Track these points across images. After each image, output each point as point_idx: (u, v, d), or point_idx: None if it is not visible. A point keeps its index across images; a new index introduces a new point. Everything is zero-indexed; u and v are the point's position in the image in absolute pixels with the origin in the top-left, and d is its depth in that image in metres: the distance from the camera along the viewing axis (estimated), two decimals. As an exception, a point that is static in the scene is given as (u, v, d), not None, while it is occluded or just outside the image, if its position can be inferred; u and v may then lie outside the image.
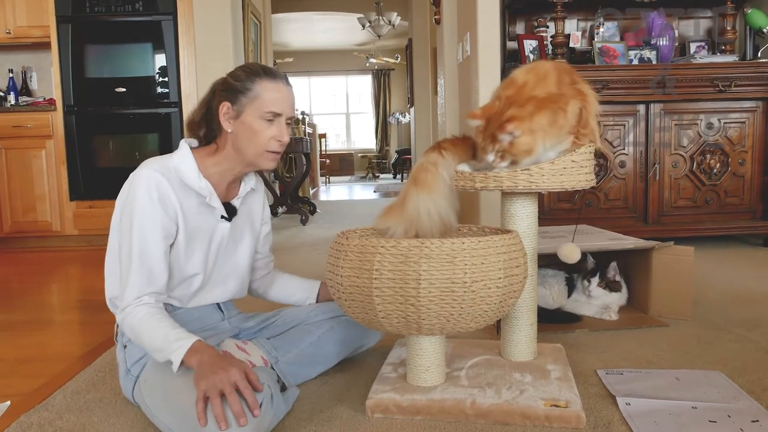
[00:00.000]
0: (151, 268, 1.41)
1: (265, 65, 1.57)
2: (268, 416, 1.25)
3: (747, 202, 3.61)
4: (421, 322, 1.36)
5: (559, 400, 1.40)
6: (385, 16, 9.37)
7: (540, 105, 1.43)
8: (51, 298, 2.98)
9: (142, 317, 1.36)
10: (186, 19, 4.17)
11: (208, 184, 1.50)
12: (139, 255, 1.39)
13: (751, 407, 1.42)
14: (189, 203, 1.47)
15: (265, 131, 1.47)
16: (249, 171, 1.59)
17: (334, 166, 13.70)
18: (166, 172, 1.45)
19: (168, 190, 1.43)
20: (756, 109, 3.55)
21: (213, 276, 1.57)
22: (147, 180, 1.41)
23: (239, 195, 1.60)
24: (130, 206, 1.41)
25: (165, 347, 1.31)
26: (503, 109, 1.44)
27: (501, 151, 1.44)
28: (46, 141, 4.31)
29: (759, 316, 2.18)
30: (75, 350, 2.05)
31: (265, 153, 1.49)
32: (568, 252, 1.87)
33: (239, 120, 1.47)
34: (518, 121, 1.41)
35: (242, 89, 1.46)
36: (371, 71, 14.35)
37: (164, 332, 1.33)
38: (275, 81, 1.48)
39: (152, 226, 1.40)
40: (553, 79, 1.47)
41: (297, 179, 5.90)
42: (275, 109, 1.47)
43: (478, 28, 3.36)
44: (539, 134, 1.43)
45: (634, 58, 3.67)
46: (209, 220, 1.53)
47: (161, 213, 1.41)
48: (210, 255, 1.54)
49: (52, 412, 1.50)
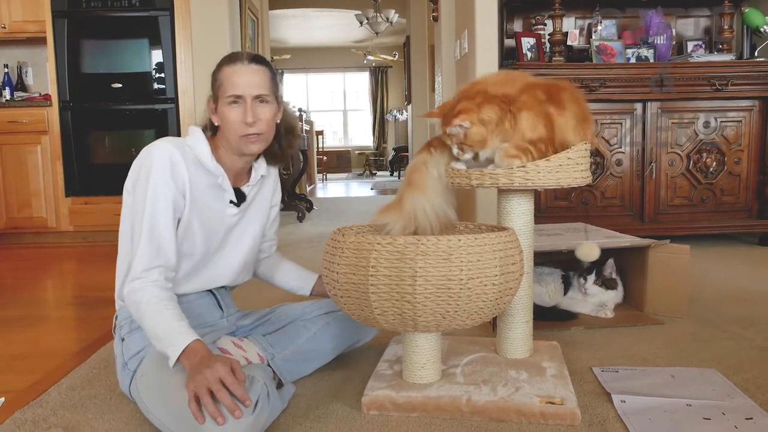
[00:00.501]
0: (160, 241, 1.41)
1: (237, 51, 1.60)
2: (265, 413, 1.25)
3: (743, 201, 3.61)
4: (417, 319, 1.36)
5: (554, 398, 1.40)
6: (383, 13, 9.36)
7: (487, 99, 1.44)
8: (46, 294, 2.97)
9: (149, 299, 1.36)
10: (183, 15, 4.15)
11: (219, 166, 1.52)
12: (149, 227, 1.40)
13: (745, 405, 1.42)
14: (199, 181, 1.49)
15: (232, 116, 1.48)
16: (249, 159, 1.58)
17: (331, 163, 13.68)
18: (181, 147, 1.46)
19: (180, 163, 1.44)
20: (752, 108, 3.55)
21: (215, 258, 1.57)
22: (162, 151, 1.43)
23: (250, 182, 1.61)
24: (143, 179, 1.42)
25: (165, 338, 1.31)
26: (455, 104, 1.47)
27: (458, 143, 1.47)
28: (42, 137, 4.29)
29: (754, 315, 2.18)
30: (70, 346, 2.04)
31: (240, 138, 1.49)
32: (587, 251, 1.88)
33: (218, 112, 1.51)
34: (465, 113, 1.43)
35: (213, 81, 1.52)
36: (369, 68, 14.32)
37: (168, 323, 1.32)
38: (233, 64, 1.50)
39: (163, 200, 1.41)
40: (518, 86, 1.47)
41: (294, 176, 5.89)
42: (234, 92, 1.47)
43: (476, 25, 3.35)
44: (490, 126, 1.44)
45: (631, 57, 3.67)
46: (218, 202, 1.53)
47: (173, 186, 1.42)
48: (213, 237, 1.54)
49: (47, 409, 1.50)
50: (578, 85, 3.41)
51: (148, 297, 1.36)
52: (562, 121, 1.46)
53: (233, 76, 1.48)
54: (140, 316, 1.36)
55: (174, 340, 1.29)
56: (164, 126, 4.24)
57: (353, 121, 15.07)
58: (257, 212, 1.67)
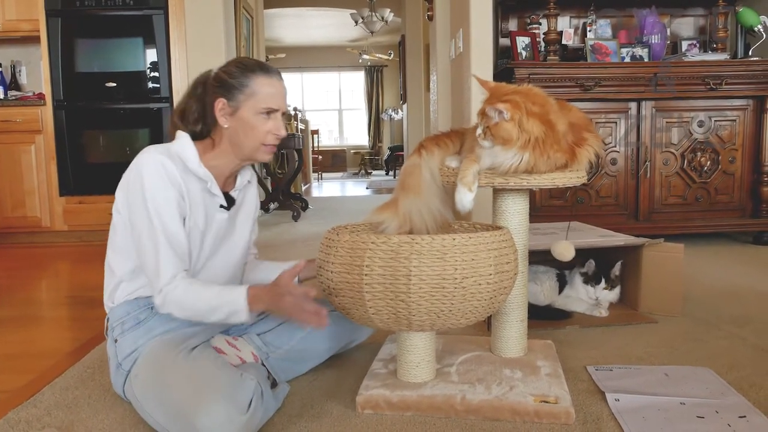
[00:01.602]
0: (178, 247, 1.41)
1: (259, 60, 1.58)
2: (259, 413, 1.25)
3: (737, 200, 3.63)
4: (411, 318, 1.36)
5: (548, 396, 1.41)
6: (378, 12, 9.35)
7: (542, 118, 1.42)
8: (40, 294, 2.96)
9: (186, 288, 1.38)
10: (177, 14, 4.14)
11: (207, 172, 1.50)
12: (165, 238, 1.39)
13: (738, 403, 1.43)
14: (191, 187, 1.48)
15: (263, 126, 1.48)
16: (245, 165, 1.59)
17: (326, 162, 13.67)
18: (170, 155, 1.45)
19: (173, 169, 1.43)
20: (747, 107, 3.56)
21: (206, 265, 1.56)
22: (153, 162, 1.41)
23: (237, 187, 1.61)
24: (141, 189, 1.40)
25: (224, 303, 1.36)
26: (508, 92, 1.44)
27: (486, 127, 1.44)
28: (36, 136, 4.27)
29: (748, 313, 2.19)
30: (64, 346, 2.04)
31: (262, 147, 1.51)
32: (561, 249, 1.87)
33: (236, 116, 1.48)
34: (513, 106, 1.40)
35: (238, 85, 1.47)
36: (364, 67, 14.31)
37: (216, 291, 1.38)
38: (270, 76, 1.50)
39: (168, 207, 1.41)
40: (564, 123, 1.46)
41: (289, 175, 5.88)
42: (272, 105, 1.48)
43: (471, 24, 3.35)
44: (524, 136, 1.41)
45: (626, 56, 3.68)
46: (208, 207, 1.53)
47: (173, 191, 1.42)
48: (205, 243, 1.53)
49: (41, 409, 1.49)
50: (573, 84, 3.42)
51: (182, 288, 1.38)
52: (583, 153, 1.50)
53: (270, 87, 1.49)
54: (188, 305, 1.38)
55: (234, 295, 1.37)
56: (159, 125, 4.23)
57: (349, 121, 15.05)
58: (245, 217, 1.66)
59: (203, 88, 1.53)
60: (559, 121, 1.44)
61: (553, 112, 1.45)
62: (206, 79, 1.54)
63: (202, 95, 1.53)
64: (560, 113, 1.47)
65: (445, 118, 4.34)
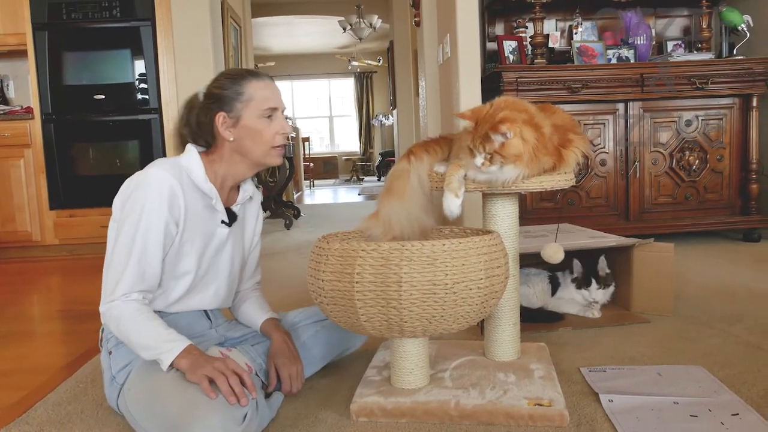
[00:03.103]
0: (146, 268, 1.40)
1: (249, 69, 1.59)
2: (254, 424, 1.25)
3: (726, 198, 3.65)
4: (403, 324, 1.36)
5: (542, 399, 1.41)
6: (366, 18, 9.37)
7: (531, 122, 1.43)
8: (32, 308, 2.94)
9: (131, 312, 1.36)
10: (164, 25, 4.14)
11: (213, 187, 1.50)
12: (138, 254, 1.39)
13: (731, 401, 1.44)
14: (195, 205, 1.48)
15: (268, 128, 1.50)
16: (251, 174, 1.59)
17: (318, 169, 13.66)
18: (177, 172, 1.45)
19: (178, 191, 1.43)
20: (733, 105, 3.59)
21: (205, 279, 1.56)
22: (159, 180, 1.41)
23: (238, 202, 1.60)
24: (139, 204, 1.40)
25: (156, 346, 1.32)
26: (494, 112, 1.44)
27: (491, 152, 1.42)
28: (25, 150, 4.25)
29: (739, 311, 2.20)
30: (56, 361, 2.03)
31: (271, 150, 1.52)
32: (551, 252, 1.88)
33: (239, 126, 1.48)
34: (511, 122, 1.41)
35: (234, 95, 1.48)
36: (354, 74, 14.34)
37: (157, 331, 1.34)
38: (261, 79, 1.52)
39: (157, 228, 1.40)
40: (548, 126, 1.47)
41: (280, 184, 5.88)
42: (272, 104, 1.50)
43: (458, 29, 3.37)
44: (529, 145, 1.42)
45: (612, 57, 3.70)
46: (210, 223, 1.53)
47: (167, 215, 1.41)
48: (205, 257, 1.53)
49: (33, 425, 1.48)
50: (561, 86, 3.44)
51: (129, 311, 1.36)
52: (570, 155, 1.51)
53: (265, 89, 1.50)
54: (122, 329, 1.36)
55: (167, 346, 1.31)
56: (148, 136, 4.21)
57: (339, 127, 15.06)
58: (246, 233, 1.67)
59: (198, 109, 1.53)
60: (543, 124, 1.45)
61: (537, 116, 1.46)
62: (195, 100, 1.54)
63: (198, 115, 1.52)
64: (542, 116, 1.48)
65: (434, 122, 4.35)
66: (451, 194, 1.49)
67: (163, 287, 1.49)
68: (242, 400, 1.23)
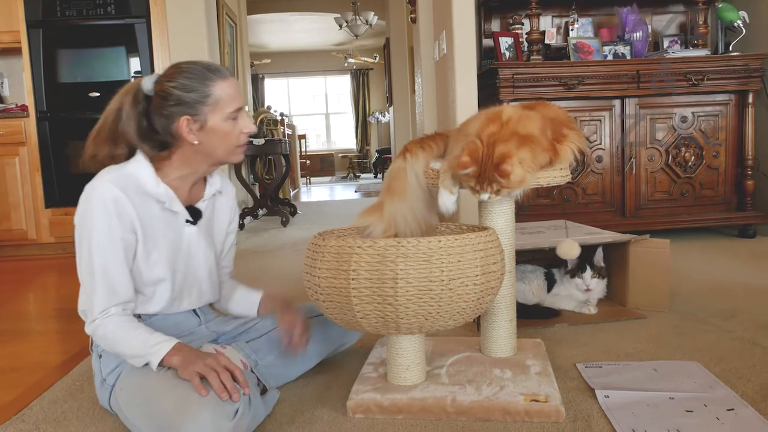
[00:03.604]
0: (114, 282, 1.38)
1: (201, 62, 1.48)
2: (246, 420, 1.25)
3: (722, 194, 3.66)
4: (399, 321, 1.36)
5: (538, 395, 1.41)
6: (362, 15, 9.36)
7: (522, 142, 1.43)
8: (27, 307, 2.93)
9: (114, 327, 1.36)
10: (159, 22, 4.12)
11: (167, 189, 1.46)
12: (101, 271, 1.37)
13: (727, 396, 1.44)
14: (149, 211, 1.44)
15: (234, 129, 1.46)
16: (211, 171, 1.57)
17: (314, 166, 13.66)
18: (122, 180, 1.40)
19: (124, 200, 1.38)
20: (729, 102, 3.60)
21: (187, 282, 1.54)
22: (100, 193, 1.37)
23: (204, 197, 1.57)
24: (88, 223, 1.38)
25: (144, 351, 1.32)
26: (489, 150, 1.42)
27: (498, 188, 1.44)
28: (20, 148, 4.24)
29: (735, 306, 2.21)
30: (52, 359, 2.02)
31: (236, 149, 1.49)
32: (567, 248, 1.89)
33: (205, 129, 1.43)
34: (509, 158, 1.40)
35: (200, 98, 1.41)
36: (350, 71, 14.33)
37: (143, 338, 1.34)
38: (224, 77, 1.45)
39: (110, 242, 1.37)
40: (536, 125, 1.46)
41: (277, 181, 5.87)
42: (238, 104, 1.46)
43: (454, 26, 3.36)
44: (526, 164, 1.43)
45: (608, 54, 3.71)
46: (173, 225, 1.49)
47: (118, 226, 1.38)
48: (178, 262, 1.51)
49: (29, 423, 1.48)
50: (557, 83, 3.44)
51: (112, 326, 1.36)
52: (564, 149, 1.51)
53: (229, 88, 1.45)
54: (112, 345, 1.37)
55: (154, 348, 1.31)
56: (144, 134, 4.20)
57: (336, 124, 15.06)
58: (218, 229, 1.63)
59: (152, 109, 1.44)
60: (529, 126, 1.45)
61: (519, 122, 1.45)
62: (140, 95, 1.45)
63: (152, 116, 1.45)
64: (530, 115, 1.47)
65: (430, 119, 4.34)
66: (446, 191, 1.49)
67: (146, 294, 1.48)
68: (234, 395, 1.22)
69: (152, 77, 1.46)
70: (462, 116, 3.25)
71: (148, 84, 1.46)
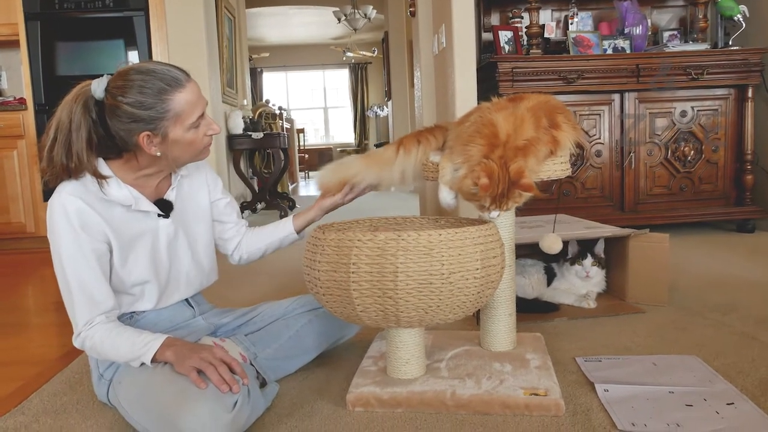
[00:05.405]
0: (92, 294, 1.36)
1: (160, 71, 1.36)
2: (245, 412, 1.25)
3: (721, 189, 3.66)
4: (399, 314, 1.36)
5: (538, 389, 1.41)
6: (361, 9, 9.33)
7: (525, 153, 1.44)
8: (27, 300, 2.93)
9: (101, 336, 1.34)
10: (158, 15, 4.10)
11: (131, 190, 1.43)
12: (77, 285, 1.36)
13: (726, 390, 1.44)
14: (116, 215, 1.41)
15: (198, 135, 1.42)
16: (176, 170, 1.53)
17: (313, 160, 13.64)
18: (83, 191, 1.37)
19: (87, 211, 1.35)
20: (728, 96, 3.59)
21: (171, 276, 1.53)
22: (63, 208, 1.34)
23: (171, 186, 1.53)
24: (56, 239, 1.35)
25: (135, 354, 1.31)
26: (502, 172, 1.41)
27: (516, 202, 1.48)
28: (18, 141, 4.23)
29: (733, 301, 2.21)
30: (51, 352, 2.02)
31: (204, 149, 1.46)
32: (550, 243, 1.88)
33: (167, 140, 1.37)
34: (525, 173, 1.42)
35: (157, 115, 1.33)
36: (348, 65, 14.28)
37: (130, 341, 1.32)
38: (183, 86, 1.36)
39: (81, 255, 1.35)
40: (530, 125, 1.46)
41: (275, 175, 5.87)
42: (199, 112, 1.40)
43: (453, 19, 3.35)
44: (533, 172, 1.46)
45: (608, 48, 3.70)
46: (146, 223, 1.47)
47: (86, 238, 1.35)
48: (159, 258, 1.49)
49: (29, 416, 1.48)
50: (556, 77, 3.44)
51: (99, 336, 1.34)
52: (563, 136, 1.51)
53: (189, 96, 1.36)
54: (103, 354, 1.36)
55: (144, 349, 1.30)
56: (142, 127, 4.19)
57: (334, 118, 15.03)
58: (195, 214, 1.60)
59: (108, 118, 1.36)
60: (523, 126, 1.44)
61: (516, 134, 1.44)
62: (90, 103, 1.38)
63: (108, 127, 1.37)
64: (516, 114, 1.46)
65: (430, 113, 4.34)
66: (446, 186, 1.49)
67: (134, 294, 1.47)
68: (234, 387, 1.22)
69: (102, 82, 1.38)
70: (461, 110, 3.24)
71: (98, 91, 1.37)
